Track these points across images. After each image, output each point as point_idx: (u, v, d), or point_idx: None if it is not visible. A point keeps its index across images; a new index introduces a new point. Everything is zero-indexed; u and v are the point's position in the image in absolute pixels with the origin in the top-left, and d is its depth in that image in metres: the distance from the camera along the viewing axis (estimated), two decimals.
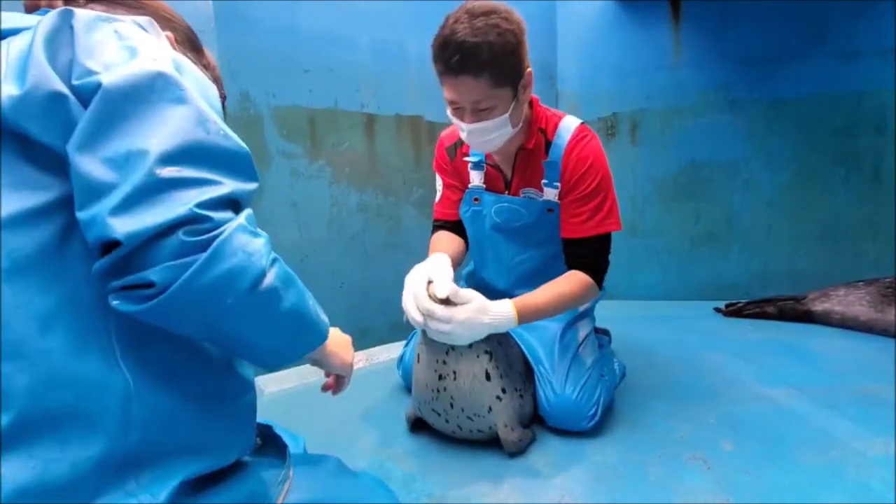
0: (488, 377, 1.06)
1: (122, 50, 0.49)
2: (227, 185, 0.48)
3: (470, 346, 1.04)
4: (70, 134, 0.45)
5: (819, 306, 1.89)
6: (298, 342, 0.58)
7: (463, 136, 1.11)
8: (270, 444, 0.67)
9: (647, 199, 2.29)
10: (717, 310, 2.10)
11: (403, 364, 1.40)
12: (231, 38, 1.49)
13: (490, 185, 1.27)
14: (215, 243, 0.44)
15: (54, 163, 0.46)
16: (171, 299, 0.43)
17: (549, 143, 1.18)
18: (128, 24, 0.53)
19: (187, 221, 0.44)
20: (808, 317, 1.92)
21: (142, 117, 0.46)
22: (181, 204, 0.44)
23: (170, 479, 0.47)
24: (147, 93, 0.47)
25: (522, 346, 1.21)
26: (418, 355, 1.11)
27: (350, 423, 1.24)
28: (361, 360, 1.68)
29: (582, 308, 1.31)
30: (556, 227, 1.23)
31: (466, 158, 1.26)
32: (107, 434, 0.45)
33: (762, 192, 2.19)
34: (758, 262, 2.23)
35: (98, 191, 0.44)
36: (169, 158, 0.45)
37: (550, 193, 1.20)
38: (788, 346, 1.68)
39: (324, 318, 0.60)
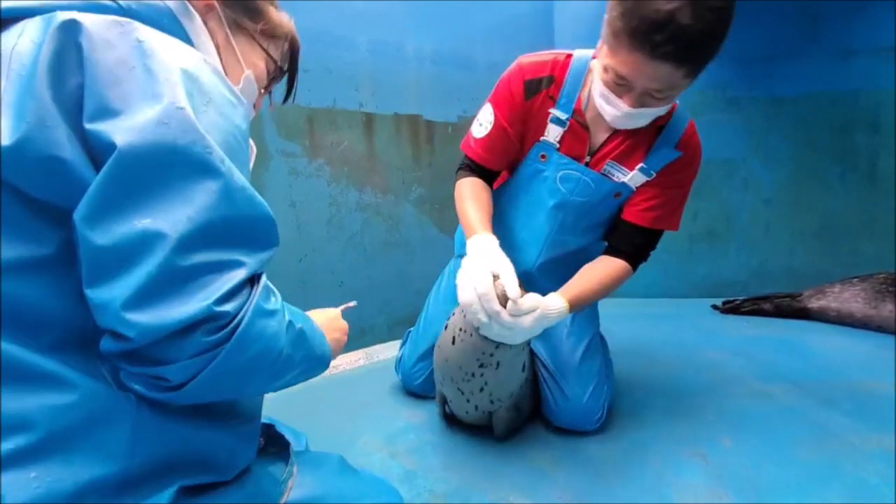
0: (524, 368, 1.06)
1: (144, 77, 0.43)
2: (248, 264, 0.45)
3: None
4: (70, 190, 0.41)
5: (815, 303, 1.90)
6: (304, 377, 0.60)
7: (611, 112, 0.95)
8: (273, 442, 0.67)
9: None
10: (715, 307, 2.11)
11: (402, 365, 1.36)
12: None
13: (567, 146, 1.08)
14: (235, 336, 0.43)
15: (51, 213, 0.42)
16: (193, 390, 0.43)
17: (661, 124, 1.06)
18: (148, 31, 0.47)
19: (206, 320, 0.41)
20: (804, 314, 1.93)
21: (161, 189, 0.41)
22: (200, 299, 0.41)
23: (169, 487, 0.47)
24: (168, 157, 0.42)
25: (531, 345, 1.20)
26: (453, 337, 1.01)
27: (351, 421, 1.24)
28: (361, 358, 1.68)
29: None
30: (608, 216, 1.15)
31: (555, 110, 1.06)
32: (113, 455, 0.44)
33: (760, 190, 2.20)
34: (756, 260, 2.24)
35: (109, 272, 0.40)
36: (189, 243, 0.41)
37: (637, 179, 1.07)
38: (786, 343, 1.69)
39: (325, 347, 0.61)
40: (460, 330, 1.00)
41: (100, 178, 0.40)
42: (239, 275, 0.44)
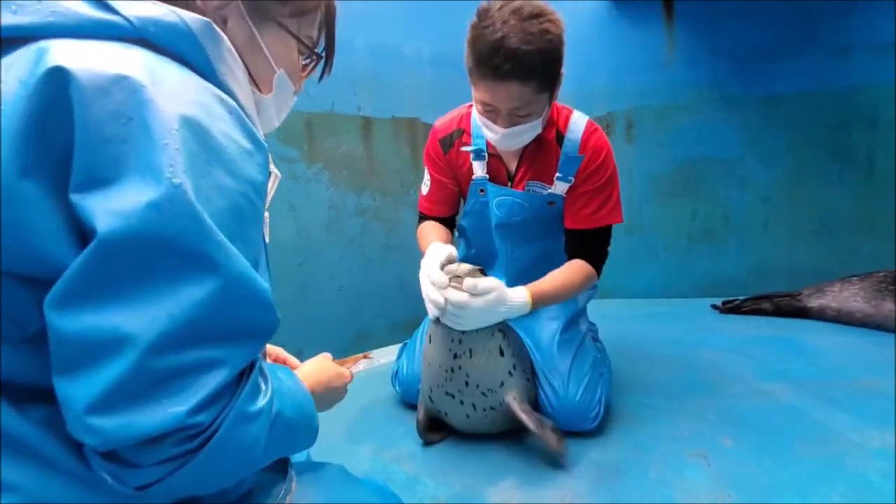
0: (502, 353, 1.07)
1: (140, 136, 0.38)
2: (231, 363, 0.41)
3: None
4: (48, 271, 0.37)
5: (814, 302, 1.90)
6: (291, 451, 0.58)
7: (493, 137, 1.09)
8: None
9: (643, 196, 2.30)
10: (714, 307, 2.11)
11: (400, 378, 1.34)
12: None
13: (492, 177, 1.23)
14: (206, 447, 0.40)
15: (36, 286, 0.39)
16: (154, 493, 0.41)
17: (560, 136, 1.16)
18: (149, 69, 0.40)
19: (175, 431, 0.38)
20: (803, 313, 1.93)
21: (142, 282, 0.37)
22: (172, 407, 0.38)
23: None
24: (156, 249, 0.37)
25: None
26: (430, 336, 1.09)
27: (352, 427, 1.24)
28: (362, 362, 1.68)
29: (578, 306, 1.31)
30: (554, 222, 1.23)
31: (466, 148, 1.22)
32: None
33: (758, 188, 2.20)
34: (755, 258, 2.24)
35: (74, 364, 0.37)
36: (166, 343, 0.37)
37: (560, 187, 1.18)
38: (786, 342, 1.69)
39: (313, 422, 0.56)
40: (431, 325, 1.07)
41: (76, 265, 0.36)
42: (219, 377, 0.40)
